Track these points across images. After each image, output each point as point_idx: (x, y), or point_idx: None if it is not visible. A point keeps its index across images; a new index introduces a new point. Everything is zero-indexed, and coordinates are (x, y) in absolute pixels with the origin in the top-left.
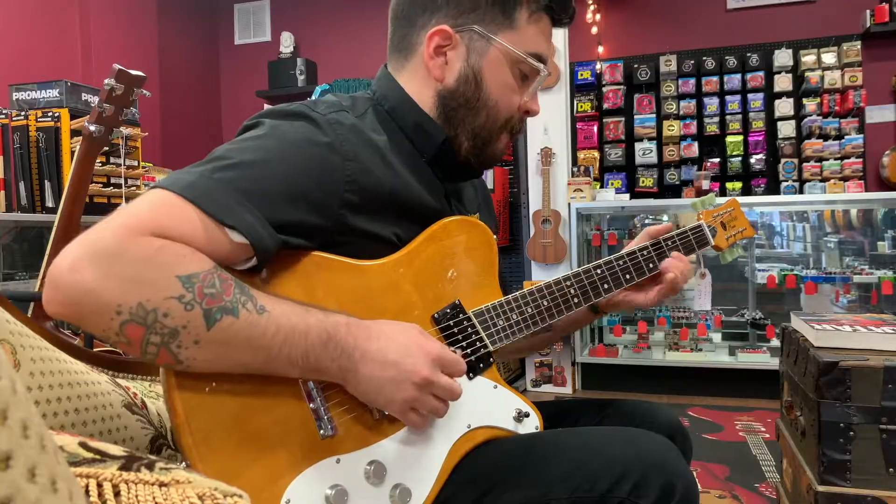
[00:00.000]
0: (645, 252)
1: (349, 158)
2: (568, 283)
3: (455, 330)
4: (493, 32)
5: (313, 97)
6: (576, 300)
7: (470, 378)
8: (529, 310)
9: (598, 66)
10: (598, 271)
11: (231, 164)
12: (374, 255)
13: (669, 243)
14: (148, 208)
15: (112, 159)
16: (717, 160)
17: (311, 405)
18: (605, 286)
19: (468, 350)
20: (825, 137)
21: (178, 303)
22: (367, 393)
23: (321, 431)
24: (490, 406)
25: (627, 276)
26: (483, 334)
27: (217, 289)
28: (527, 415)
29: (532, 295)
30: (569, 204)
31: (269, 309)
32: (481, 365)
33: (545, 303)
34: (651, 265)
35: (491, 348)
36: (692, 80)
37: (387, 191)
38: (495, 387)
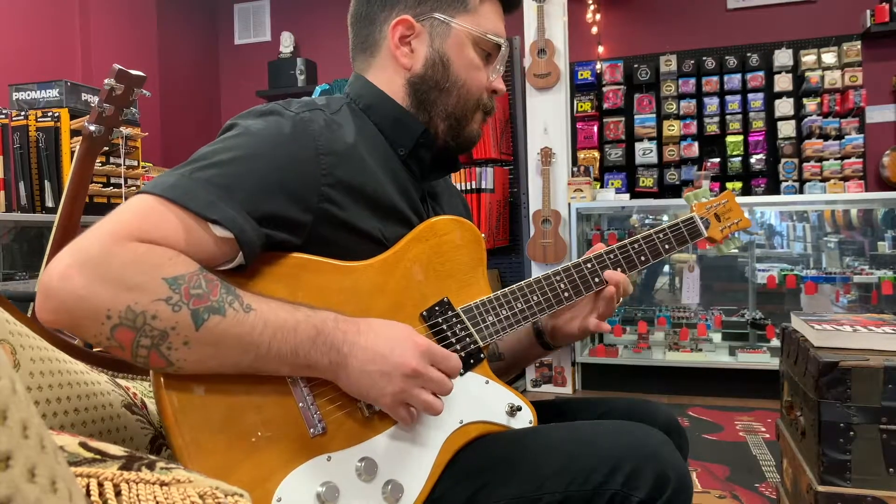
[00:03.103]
0: (636, 245)
1: (323, 153)
2: (557, 277)
3: (444, 327)
4: (452, 16)
5: (313, 97)
6: (566, 294)
7: (461, 374)
8: (519, 305)
9: (598, 66)
10: (588, 265)
11: (209, 164)
12: (362, 253)
13: (661, 236)
14: (131, 214)
15: (112, 159)
16: (717, 160)
17: (299, 404)
18: (596, 280)
19: (458, 346)
20: (825, 137)
21: (166, 305)
22: (359, 387)
23: (311, 430)
24: (482, 401)
25: (619, 269)
26: (472, 330)
27: (203, 289)
28: (519, 409)
29: (521, 290)
30: (569, 204)
31: (255, 307)
32: (472, 361)
33: (535, 298)
34: (643, 258)
35: (481, 344)
36: (692, 80)
37: (363, 186)
38: (487, 382)
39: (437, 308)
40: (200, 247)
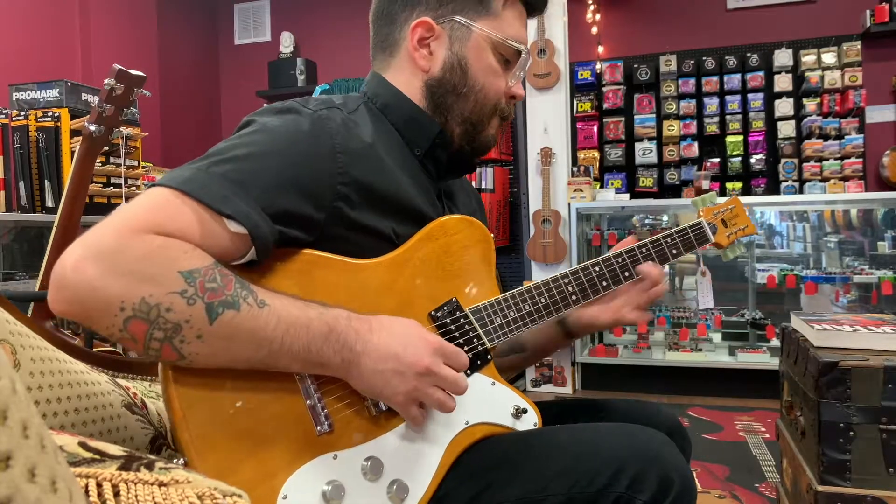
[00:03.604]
0: (644, 249)
1: (340, 151)
2: (566, 280)
3: (452, 327)
4: (473, 20)
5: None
6: (574, 297)
7: (467, 375)
8: (527, 307)
9: (598, 66)
10: (597, 269)
11: (225, 159)
12: (373, 251)
13: (669, 240)
14: (147, 206)
15: (112, 159)
16: (717, 160)
17: (307, 402)
18: (604, 283)
19: (465, 347)
20: (825, 137)
21: (181, 297)
22: (371, 386)
23: (318, 428)
24: (488, 403)
25: (626, 274)
26: (480, 331)
27: (218, 283)
28: (524, 411)
29: (530, 292)
30: (569, 204)
31: (269, 303)
32: (479, 362)
33: (543, 300)
34: (651, 262)
35: (488, 345)
36: (692, 80)
37: (379, 185)
38: (493, 383)
39: (445, 308)
40: (215, 241)
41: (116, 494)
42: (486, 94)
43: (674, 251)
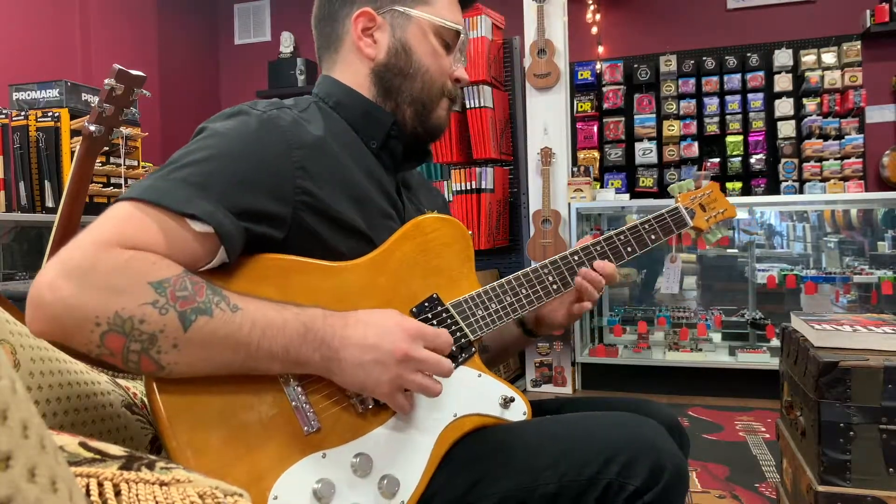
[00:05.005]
0: (622, 236)
1: (294, 147)
2: (545, 270)
3: (434, 322)
4: (411, 7)
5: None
6: (554, 286)
7: (453, 368)
8: (508, 298)
9: (598, 66)
10: (576, 257)
11: (183, 165)
12: (345, 246)
13: (647, 227)
14: (113, 221)
15: (112, 159)
16: (717, 160)
17: (292, 403)
18: (583, 271)
19: None
20: (825, 137)
21: (153, 308)
22: (354, 380)
23: (305, 427)
24: (475, 394)
25: (605, 261)
26: (462, 324)
27: (189, 291)
28: (512, 399)
29: (510, 284)
30: (569, 204)
31: (242, 307)
32: (464, 355)
33: (524, 291)
34: (629, 248)
35: (471, 338)
36: (692, 80)
37: (337, 178)
38: (479, 375)
39: (426, 304)
40: (182, 247)
41: (118, 494)
42: (432, 75)
43: (652, 237)
